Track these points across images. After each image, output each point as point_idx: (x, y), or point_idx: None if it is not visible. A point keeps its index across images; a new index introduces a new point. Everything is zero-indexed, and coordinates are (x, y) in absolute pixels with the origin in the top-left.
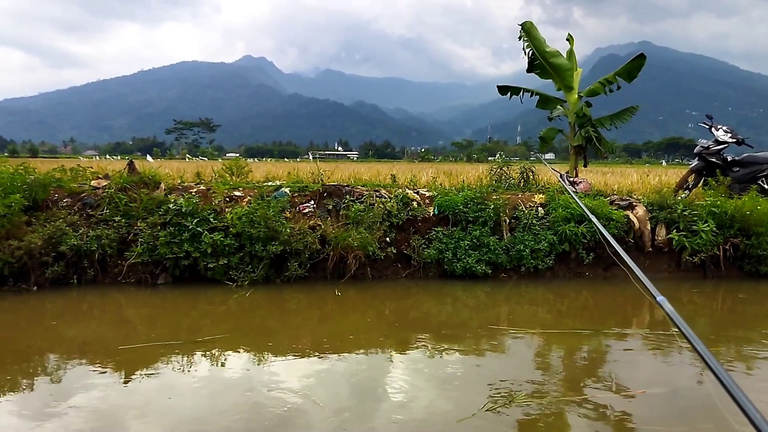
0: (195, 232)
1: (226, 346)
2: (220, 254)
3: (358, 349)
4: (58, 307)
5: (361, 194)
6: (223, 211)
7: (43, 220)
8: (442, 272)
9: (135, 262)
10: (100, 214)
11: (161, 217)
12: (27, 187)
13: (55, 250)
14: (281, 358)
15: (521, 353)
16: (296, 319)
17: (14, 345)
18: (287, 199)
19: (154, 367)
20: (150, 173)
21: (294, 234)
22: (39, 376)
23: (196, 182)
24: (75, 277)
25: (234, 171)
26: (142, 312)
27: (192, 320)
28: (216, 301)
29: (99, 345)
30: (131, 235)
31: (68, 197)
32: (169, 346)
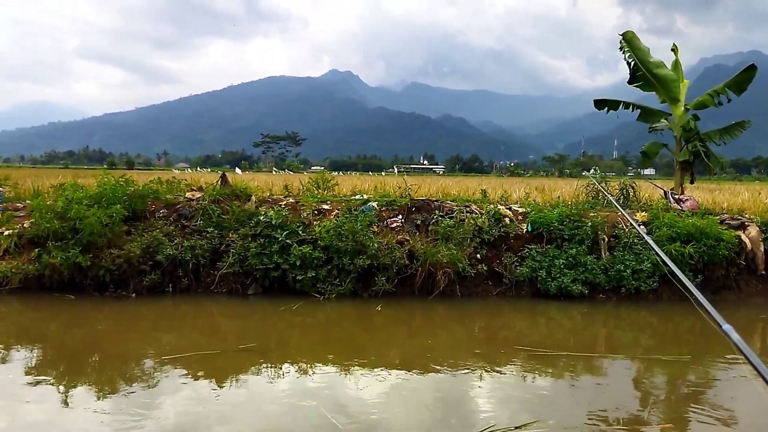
0: (284, 244)
1: (312, 357)
2: (309, 267)
3: (446, 366)
4: (155, 314)
5: (451, 209)
6: (311, 223)
7: (142, 230)
8: (536, 291)
9: (227, 272)
10: (194, 225)
11: (252, 228)
12: (127, 198)
13: (152, 259)
14: (368, 372)
15: (620, 379)
16: (383, 333)
17: (114, 348)
18: (375, 213)
19: (241, 374)
20: (241, 186)
21: (382, 248)
22: (136, 378)
23: (285, 195)
24: (170, 286)
25: (321, 184)
26: (233, 321)
27: (280, 331)
28: (304, 313)
29: (191, 351)
30: (223, 246)
31: (165, 208)
32: (257, 354)
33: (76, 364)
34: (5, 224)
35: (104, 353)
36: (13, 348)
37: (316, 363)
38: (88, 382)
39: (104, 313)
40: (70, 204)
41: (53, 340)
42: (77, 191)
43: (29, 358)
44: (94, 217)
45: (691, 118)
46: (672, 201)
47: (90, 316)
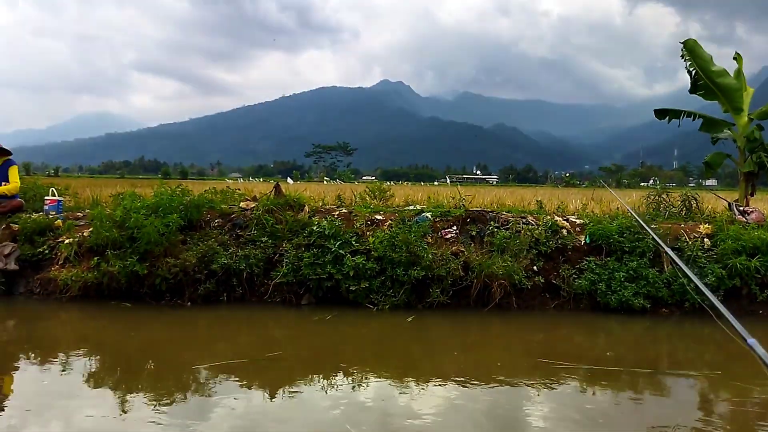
0: (337, 254)
1: (365, 369)
2: (362, 277)
3: (502, 381)
4: (209, 322)
5: (507, 220)
6: (364, 234)
7: (197, 239)
8: (595, 304)
9: (280, 282)
10: (248, 235)
11: (305, 238)
12: (183, 208)
13: (207, 268)
14: (422, 386)
15: (684, 396)
16: (438, 346)
17: (170, 356)
18: (429, 224)
19: (295, 385)
20: (295, 196)
21: (436, 259)
22: (190, 385)
23: (338, 205)
24: (225, 295)
25: (377, 194)
26: (287, 331)
27: (333, 342)
28: (357, 324)
29: (244, 359)
30: (277, 256)
31: (219, 218)
32: (310, 365)
33: (133, 371)
34: (66, 233)
35: (159, 361)
36: (73, 354)
37: (369, 374)
38: (144, 389)
39: (160, 321)
40: (129, 213)
41: (111, 347)
42: (135, 201)
43: (87, 365)
44: (151, 227)
45: (755, 128)
46: (736, 213)
47: (146, 324)
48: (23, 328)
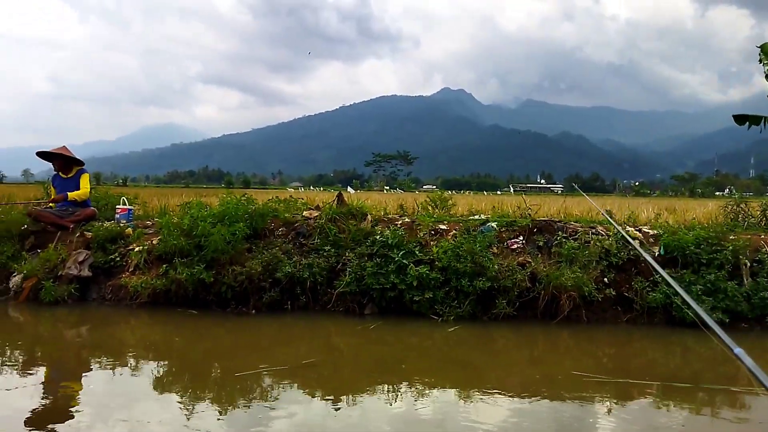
0: (401, 264)
1: (429, 379)
2: (426, 287)
3: (570, 395)
4: (273, 330)
5: (575, 230)
6: (428, 244)
7: (262, 247)
8: (669, 318)
9: (343, 291)
10: (312, 244)
11: (368, 248)
12: (248, 217)
13: (272, 276)
14: (485, 398)
15: (765, 415)
16: (504, 358)
17: (235, 362)
18: (494, 234)
19: (357, 394)
20: (357, 205)
21: (502, 270)
22: (254, 391)
23: (400, 214)
24: (289, 303)
25: (438, 204)
26: (350, 340)
27: (397, 352)
28: (421, 335)
29: (307, 367)
30: (340, 265)
31: (283, 226)
32: (372, 374)
33: (198, 377)
34: (136, 241)
35: (225, 367)
36: (141, 359)
37: (433, 385)
38: (209, 395)
39: (225, 328)
40: (196, 222)
41: (177, 353)
42: (202, 210)
43: (155, 370)
44: (218, 235)
45: None
46: None
47: (212, 331)
48: (96, 333)
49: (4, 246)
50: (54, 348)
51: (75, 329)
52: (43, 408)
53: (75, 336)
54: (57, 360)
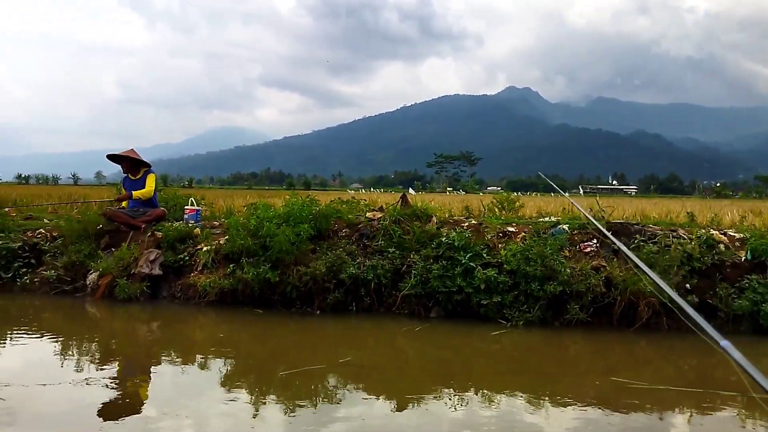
0: (468, 267)
1: (496, 385)
2: (494, 291)
3: (648, 406)
4: (338, 331)
5: (654, 234)
6: (496, 246)
7: (326, 248)
8: (757, 327)
9: (408, 293)
10: (376, 245)
11: (434, 250)
12: (312, 218)
13: (336, 277)
14: (557, 407)
15: None
16: (576, 365)
17: (299, 361)
18: (566, 237)
19: (421, 398)
20: (422, 206)
21: (574, 274)
22: (319, 391)
23: (466, 216)
24: (353, 304)
25: (505, 206)
26: (415, 343)
27: (463, 356)
28: (489, 339)
29: (371, 368)
30: (404, 267)
31: (347, 228)
32: (438, 378)
33: (264, 374)
34: (204, 241)
35: (289, 365)
36: (209, 356)
37: (500, 391)
38: (274, 393)
39: (290, 328)
40: (261, 222)
41: (245, 351)
42: (267, 210)
43: (222, 367)
44: (282, 236)
45: None
46: None
47: (277, 331)
48: (166, 329)
49: (81, 245)
50: (127, 343)
51: (147, 325)
52: (115, 400)
53: (147, 332)
54: (130, 355)
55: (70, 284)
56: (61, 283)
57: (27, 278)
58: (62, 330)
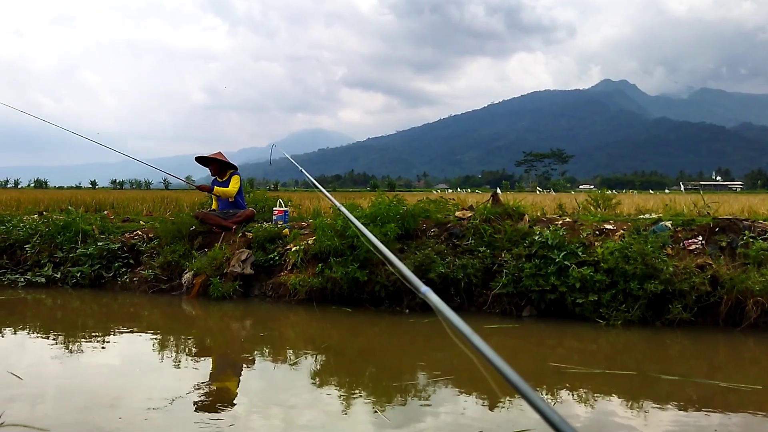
0: (562, 265)
1: (592, 385)
2: (590, 290)
3: (760, 412)
4: (427, 330)
5: (764, 230)
6: (592, 244)
7: (414, 248)
8: None
9: (499, 292)
10: (466, 244)
11: (526, 248)
12: (400, 217)
13: (425, 276)
14: (656, 410)
15: None
16: (678, 367)
17: (388, 360)
18: (669, 234)
19: (513, 397)
20: (513, 205)
21: (677, 273)
22: (407, 391)
23: (559, 214)
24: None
25: (600, 203)
26: (507, 342)
27: (558, 355)
28: (585, 339)
29: (460, 368)
30: (495, 266)
31: (435, 227)
32: (532, 378)
33: (353, 373)
34: (293, 241)
35: (379, 364)
36: (300, 354)
37: (596, 392)
38: (364, 391)
39: (379, 327)
40: (349, 223)
41: (334, 349)
42: (354, 211)
43: (312, 365)
44: None
45: None
46: None
47: (366, 329)
48: (258, 327)
49: (176, 245)
50: (221, 339)
51: (240, 323)
52: (209, 394)
53: (240, 329)
54: (223, 351)
55: (167, 283)
56: (158, 282)
57: (126, 277)
58: (160, 326)
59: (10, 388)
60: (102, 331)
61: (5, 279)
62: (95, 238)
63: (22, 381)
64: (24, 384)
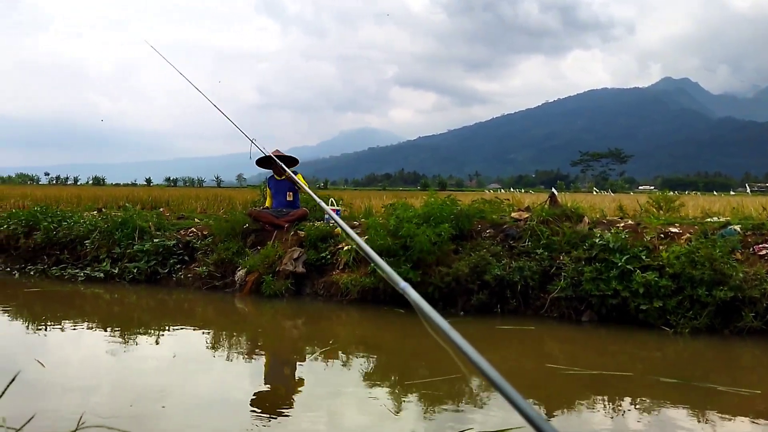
0: (624, 269)
1: (656, 395)
2: (654, 296)
3: None
4: (482, 333)
5: None
6: (656, 248)
7: (468, 249)
8: None
9: (558, 296)
10: (522, 246)
11: (585, 251)
12: (454, 218)
13: (480, 278)
14: (726, 424)
15: None
16: (750, 378)
17: (441, 363)
18: (738, 239)
19: (573, 404)
20: (572, 206)
21: (747, 279)
22: (460, 395)
23: (620, 216)
24: (498, 306)
25: (662, 205)
26: (565, 348)
27: (620, 363)
28: (649, 347)
29: (517, 372)
30: (553, 269)
31: (491, 228)
32: (591, 385)
33: (405, 374)
34: (345, 240)
35: (431, 366)
36: (351, 353)
37: (660, 403)
38: (414, 393)
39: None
40: (401, 222)
41: (386, 349)
42: (407, 210)
43: (364, 365)
44: (423, 236)
45: None
46: None
47: (418, 330)
48: (310, 325)
49: (229, 243)
50: (274, 337)
51: (292, 321)
52: (259, 391)
53: (291, 327)
54: (276, 348)
55: (220, 280)
56: (212, 279)
57: (181, 274)
58: (213, 323)
59: (64, 378)
60: (156, 327)
61: (66, 274)
62: (151, 235)
63: (77, 373)
64: (80, 377)
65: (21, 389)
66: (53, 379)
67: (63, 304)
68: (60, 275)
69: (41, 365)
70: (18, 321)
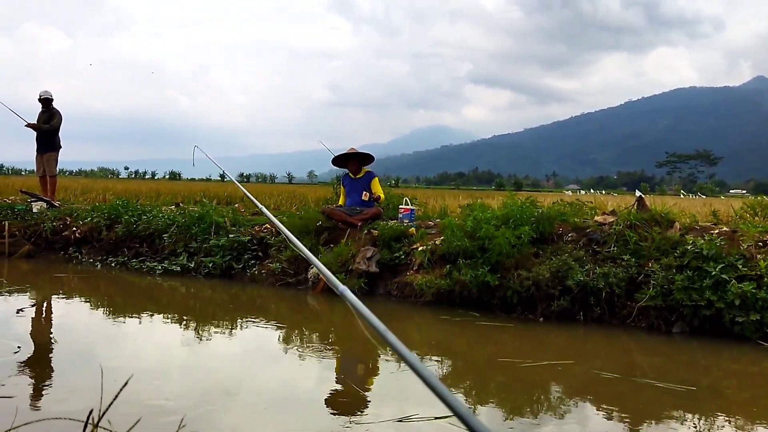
0: (719, 279)
1: (751, 413)
2: (751, 308)
3: None
4: (563, 341)
5: None
6: (753, 257)
7: (549, 253)
8: None
9: (646, 305)
10: (607, 251)
11: (677, 259)
12: (534, 220)
13: (562, 284)
14: None
15: None
16: None
17: (520, 370)
18: None
19: (661, 418)
20: (662, 211)
21: None
22: (539, 403)
23: (713, 222)
24: (581, 314)
25: (758, 211)
26: (653, 360)
27: (713, 378)
28: (743, 361)
29: (602, 385)
30: (641, 276)
31: (573, 231)
32: (680, 400)
33: (482, 379)
34: (419, 240)
35: (509, 373)
36: (426, 356)
37: (758, 421)
38: (493, 399)
39: (510, 334)
40: (479, 224)
41: (461, 353)
42: (485, 211)
43: (439, 367)
44: (502, 238)
45: None
46: None
47: (495, 335)
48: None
49: (302, 240)
50: (345, 336)
51: (364, 321)
52: (327, 389)
53: (364, 327)
54: (347, 348)
55: (293, 277)
56: (285, 276)
57: (255, 269)
58: (285, 319)
59: (134, 371)
60: (230, 321)
61: (144, 267)
62: (227, 230)
63: (148, 364)
64: (152, 369)
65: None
66: (130, 370)
67: (142, 295)
68: (139, 267)
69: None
70: (99, 311)
